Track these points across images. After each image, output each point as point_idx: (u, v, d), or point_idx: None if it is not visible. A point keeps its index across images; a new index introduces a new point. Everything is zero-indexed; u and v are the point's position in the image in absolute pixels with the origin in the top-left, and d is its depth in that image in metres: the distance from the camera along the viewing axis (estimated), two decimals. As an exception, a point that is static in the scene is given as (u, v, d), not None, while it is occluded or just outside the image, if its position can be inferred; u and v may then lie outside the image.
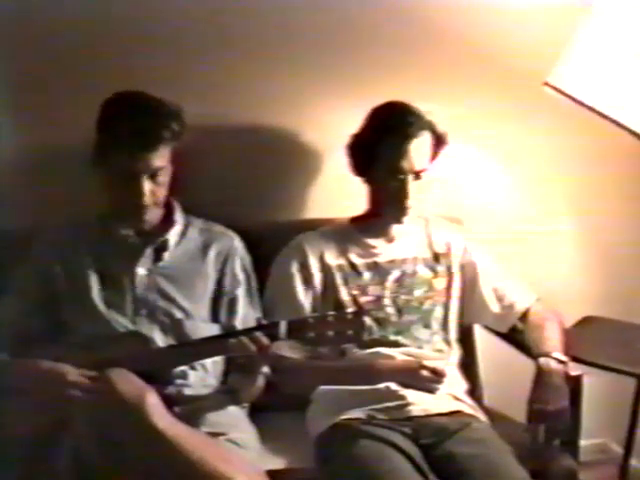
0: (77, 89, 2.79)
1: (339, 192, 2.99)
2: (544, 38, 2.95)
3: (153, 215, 2.56)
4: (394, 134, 2.63)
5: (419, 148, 2.64)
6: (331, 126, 2.96)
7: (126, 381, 2.13)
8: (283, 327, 2.34)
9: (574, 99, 2.71)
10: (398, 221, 2.72)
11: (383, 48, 2.97)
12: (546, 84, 2.77)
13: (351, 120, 2.74)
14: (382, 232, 2.78)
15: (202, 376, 2.52)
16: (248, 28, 2.89)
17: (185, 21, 2.84)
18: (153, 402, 2.10)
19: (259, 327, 2.39)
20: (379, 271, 2.74)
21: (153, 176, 2.47)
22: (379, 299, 2.71)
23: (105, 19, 2.78)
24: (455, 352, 2.78)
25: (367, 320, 2.58)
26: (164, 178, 2.51)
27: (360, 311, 2.47)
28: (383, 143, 2.64)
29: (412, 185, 2.65)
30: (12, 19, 2.73)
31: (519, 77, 2.99)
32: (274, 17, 2.90)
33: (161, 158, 2.47)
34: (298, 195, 3.07)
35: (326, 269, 2.72)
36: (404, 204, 2.67)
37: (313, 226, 2.84)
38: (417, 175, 2.65)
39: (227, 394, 2.54)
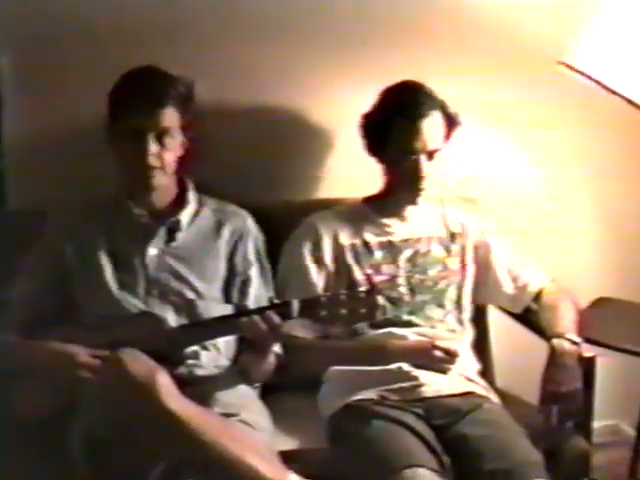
0: (90, 71, 2.78)
1: (351, 171, 2.98)
2: (559, 16, 2.93)
3: (162, 183, 2.54)
4: (405, 114, 2.61)
5: (431, 128, 2.63)
6: (343, 105, 2.94)
7: (137, 362, 2.13)
8: (295, 306, 2.34)
9: (589, 77, 2.70)
10: (413, 202, 2.72)
11: (395, 27, 2.95)
12: (561, 63, 2.75)
13: (363, 99, 2.73)
14: (396, 212, 2.77)
15: (214, 356, 2.52)
16: (260, 9, 2.88)
17: (198, 3, 2.84)
18: (164, 382, 2.10)
19: (271, 306, 2.39)
20: (392, 250, 2.72)
21: (160, 138, 2.47)
22: (393, 278, 2.69)
23: (122, 5, 2.78)
24: (468, 332, 2.77)
25: (380, 300, 2.56)
26: (172, 143, 2.50)
27: (373, 290, 2.45)
28: (395, 123, 2.63)
29: (426, 165, 2.63)
30: (28, 3, 2.73)
31: (536, 56, 2.97)
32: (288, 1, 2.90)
33: (168, 118, 2.47)
34: (310, 174, 3.06)
35: (339, 248, 2.70)
36: (418, 185, 2.66)
37: (326, 205, 2.82)
38: (430, 155, 2.64)
39: (238, 374, 2.53)
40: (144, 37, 2.80)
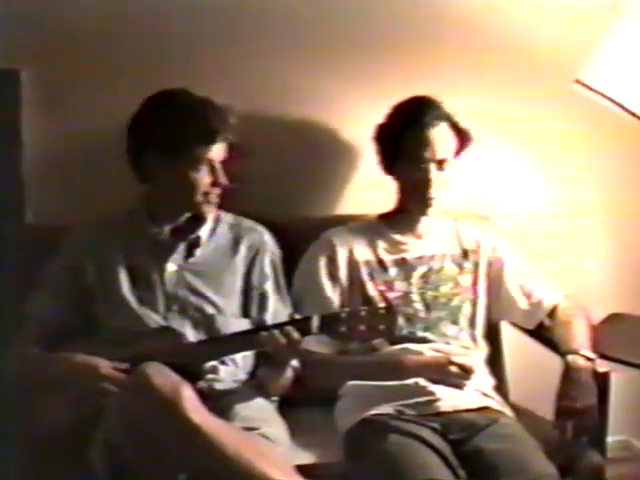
0: (110, 85, 2.82)
1: (374, 189, 2.98)
2: (576, 35, 2.97)
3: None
4: (412, 124, 2.67)
5: (440, 137, 2.68)
6: (367, 123, 2.90)
7: (161, 375, 2.14)
8: (316, 321, 2.36)
9: (605, 96, 2.72)
10: (422, 212, 2.74)
11: (422, 48, 3.01)
12: (577, 82, 2.78)
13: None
14: (410, 228, 2.80)
15: (233, 371, 2.54)
16: (290, 24, 2.92)
17: (221, 19, 2.87)
18: (189, 396, 2.12)
19: (292, 321, 2.42)
20: (406, 267, 2.75)
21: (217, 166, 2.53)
22: (406, 295, 2.72)
23: (139, 13, 2.81)
24: (482, 348, 2.79)
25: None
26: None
27: (392, 306, 2.48)
28: (404, 134, 2.68)
29: (435, 175, 2.67)
30: (46, 10, 2.76)
31: (550, 73, 3.00)
32: (316, 16, 2.95)
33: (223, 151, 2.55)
34: (333, 191, 3.09)
35: (354, 264, 2.73)
36: (427, 194, 2.69)
37: (341, 222, 2.85)
38: (440, 165, 2.68)
39: (256, 388, 2.55)
40: (166, 52, 2.84)
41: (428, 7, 2.98)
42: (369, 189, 3.01)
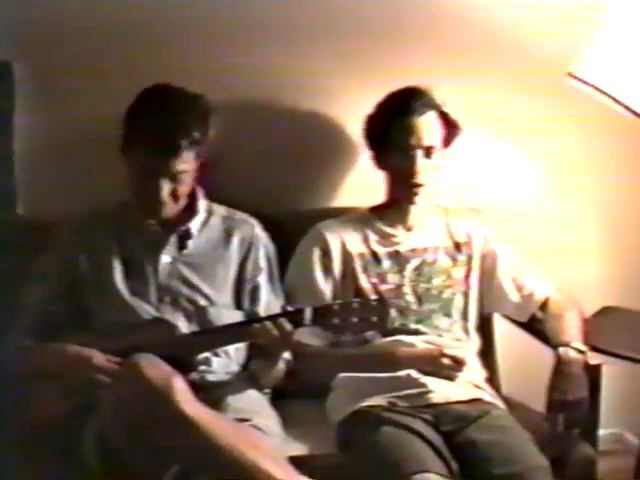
0: (103, 79, 2.81)
1: (370, 182, 2.94)
2: (568, 28, 2.95)
3: (172, 208, 2.55)
4: (400, 112, 2.68)
5: (427, 125, 2.69)
6: (358, 112, 2.89)
7: (153, 366, 2.15)
8: (308, 314, 2.36)
9: (598, 89, 2.72)
10: (410, 201, 2.74)
11: (419, 42, 2.99)
12: (569, 75, 2.78)
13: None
14: (401, 220, 2.80)
15: (225, 362, 2.54)
16: (290, 16, 2.91)
17: (222, 8, 2.86)
18: (181, 387, 2.13)
19: (284, 313, 2.42)
20: (399, 260, 2.75)
21: (175, 176, 2.47)
22: (399, 287, 2.73)
23: (133, 8, 2.79)
24: (474, 341, 2.79)
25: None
26: (187, 177, 2.50)
27: (384, 299, 2.48)
28: (392, 123, 2.69)
29: (422, 162, 2.68)
30: (39, 3, 2.76)
31: (543, 66, 2.99)
32: (317, 9, 2.92)
33: (183, 163, 2.46)
34: (328, 184, 3.09)
35: (347, 256, 2.74)
36: (414, 180, 2.69)
37: (333, 214, 2.85)
38: (427, 153, 2.69)
39: (248, 379, 2.56)
40: (161, 46, 2.83)
41: (429, 1, 2.98)
42: (365, 182, 2.99)
